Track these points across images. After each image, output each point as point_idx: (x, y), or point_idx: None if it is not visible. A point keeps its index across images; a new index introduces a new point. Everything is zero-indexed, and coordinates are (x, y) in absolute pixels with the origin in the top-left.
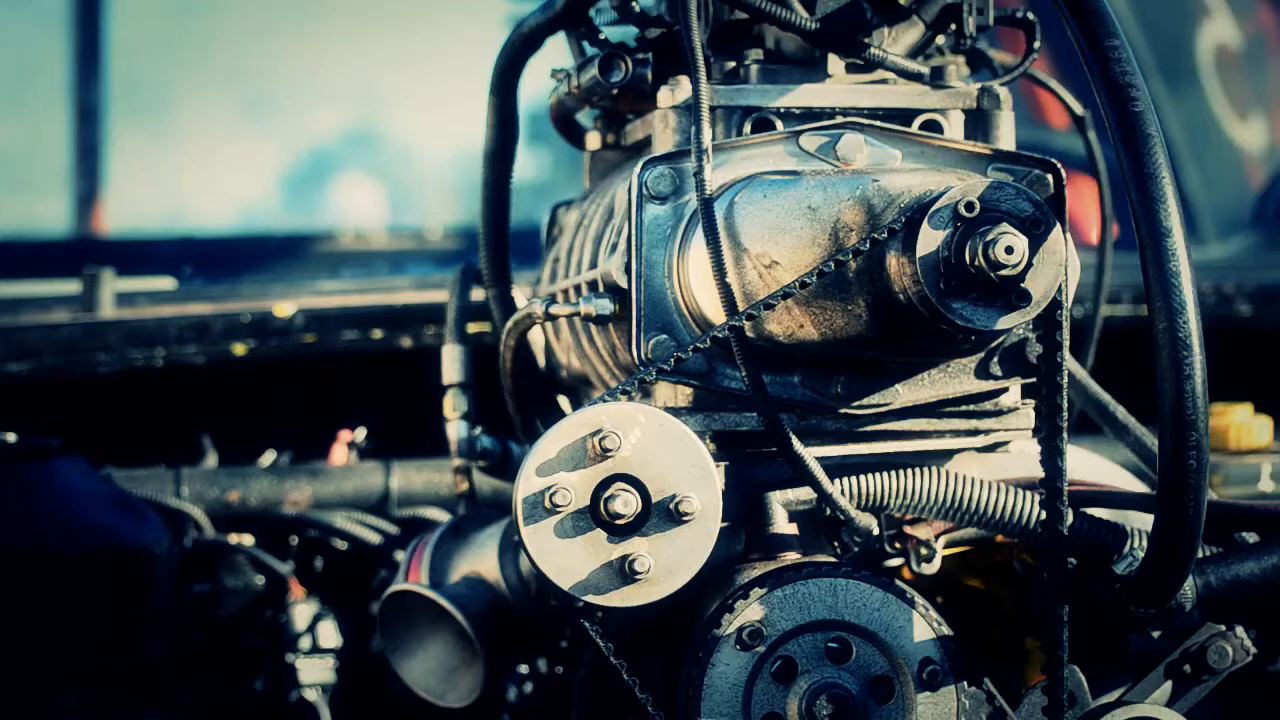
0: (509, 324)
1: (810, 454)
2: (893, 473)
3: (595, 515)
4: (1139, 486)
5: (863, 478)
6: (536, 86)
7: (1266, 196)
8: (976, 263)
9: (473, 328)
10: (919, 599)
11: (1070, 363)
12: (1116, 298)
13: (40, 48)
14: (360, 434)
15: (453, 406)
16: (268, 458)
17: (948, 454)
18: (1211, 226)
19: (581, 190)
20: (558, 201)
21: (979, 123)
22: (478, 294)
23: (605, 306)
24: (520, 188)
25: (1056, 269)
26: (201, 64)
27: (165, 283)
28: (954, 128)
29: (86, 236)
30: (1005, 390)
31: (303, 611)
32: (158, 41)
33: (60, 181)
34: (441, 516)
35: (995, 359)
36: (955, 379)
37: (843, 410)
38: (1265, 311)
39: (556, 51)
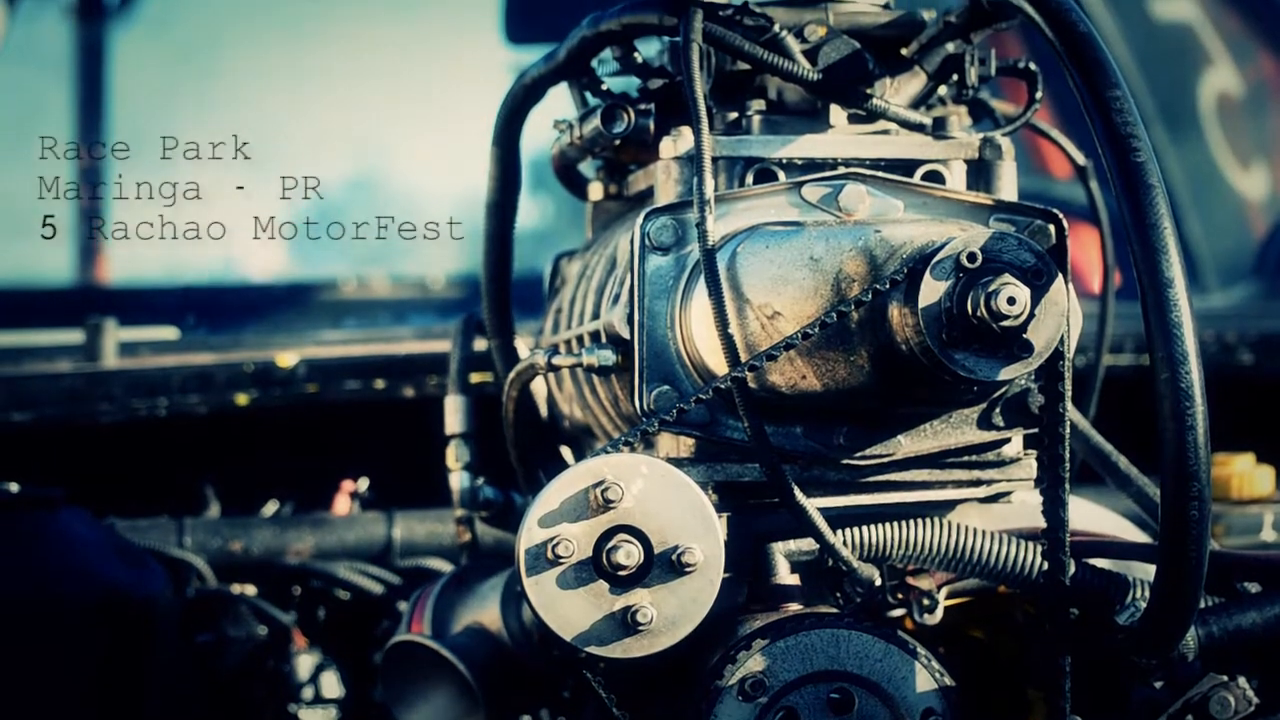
0: (511, 375)
1: (812, 505)
2: (895, 523)
3: (598, 566)
4: (1141, 537)
5: (865, 528)
6: (538, 134)
7: (1269, 245)
8: (979, 313)
9: (475, 378)
10: (921, 649)
11: (1072, 413)
12: (1119, 347)
13: (44, 96)
14: (363, 484)
15: (455, 457)
16: (270, 507)
17: (950, 504)
18: (1214, 275)
19: (584, 240)
20: (560, 252)
21: (981, 173)
22: (480, 344)
23: (608, 357)
24: (522, 235)
25: (1059, 319)
26: (203, 112)
27: (168, 332)
28: (956, 178)
29: (89, 285)
30: (1008, 441)
31: (305, 661)
32: (160, 90)
33: (63, 229)
34: (444, 567)
35: (997, 409)
36: (958, 430)
37: (845, 461)
38: (1267, 361)
39: (559, 101)
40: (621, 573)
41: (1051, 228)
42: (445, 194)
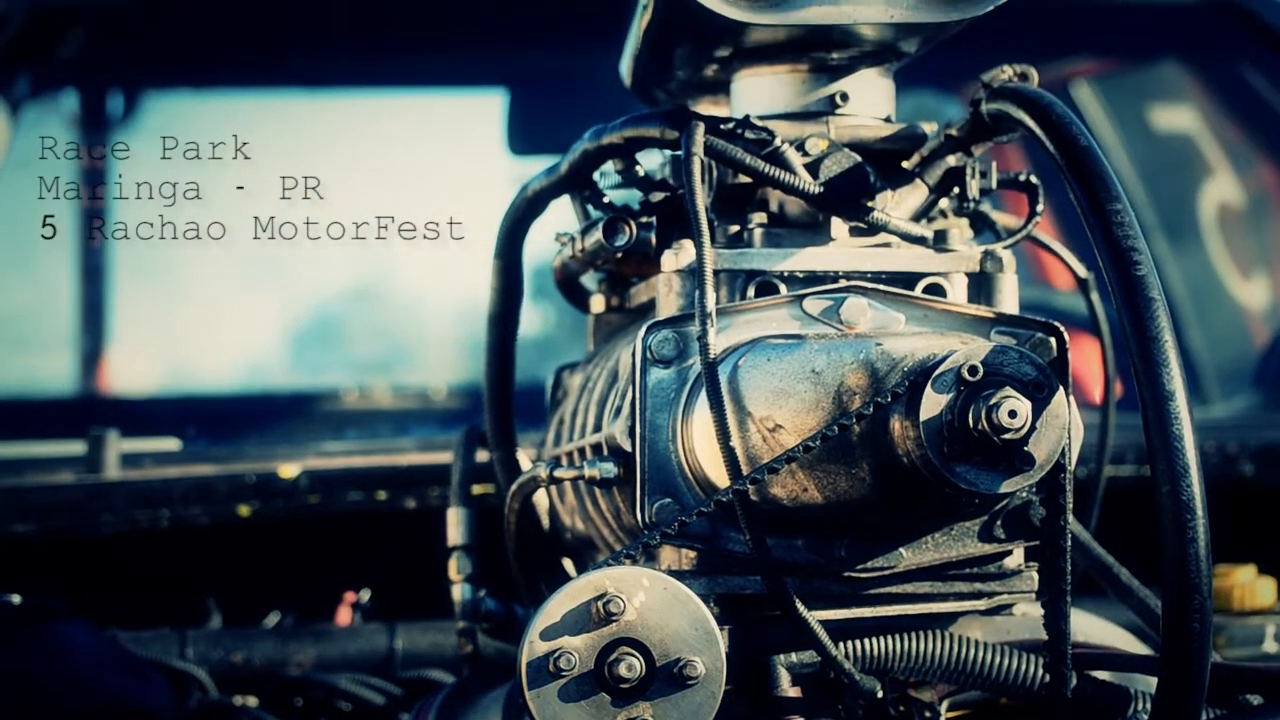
0: (513, 487)
1: (814, 617)
2: (897, 636)
3: (600, 679)
4: (1142, 648)
5: (867, 641)
6: (539, 242)
7: (1270, 355)
8: (980, 427)
9: (477, 489)
10: None
11: (1073, 525)
12: (1120, 458)
13: (46, 207)
14: (365, 595)
15: (457, 569)
16: (272, 619)
17: (951, 616)
18: (1215, 385)
19: (585, 352)
20: (562, 364)
21: (982, 285)
22: (482, 455)
23: (609, 470)
24: (524, 344)
25: (1060, 432)
26: (205, 222)
27: (170, 443)
28: (957, 290)
29: (91, 395)
30: (1009, 553)
31: None
32: (162, 200)
33: (65, 340)
34: (446, 678)
35: (999, 522)
36: (959, 542)
37: (847, 573)
38: (1269, 471)
39: (560, 212)
40: (624, 685)
41: (1053, 340)
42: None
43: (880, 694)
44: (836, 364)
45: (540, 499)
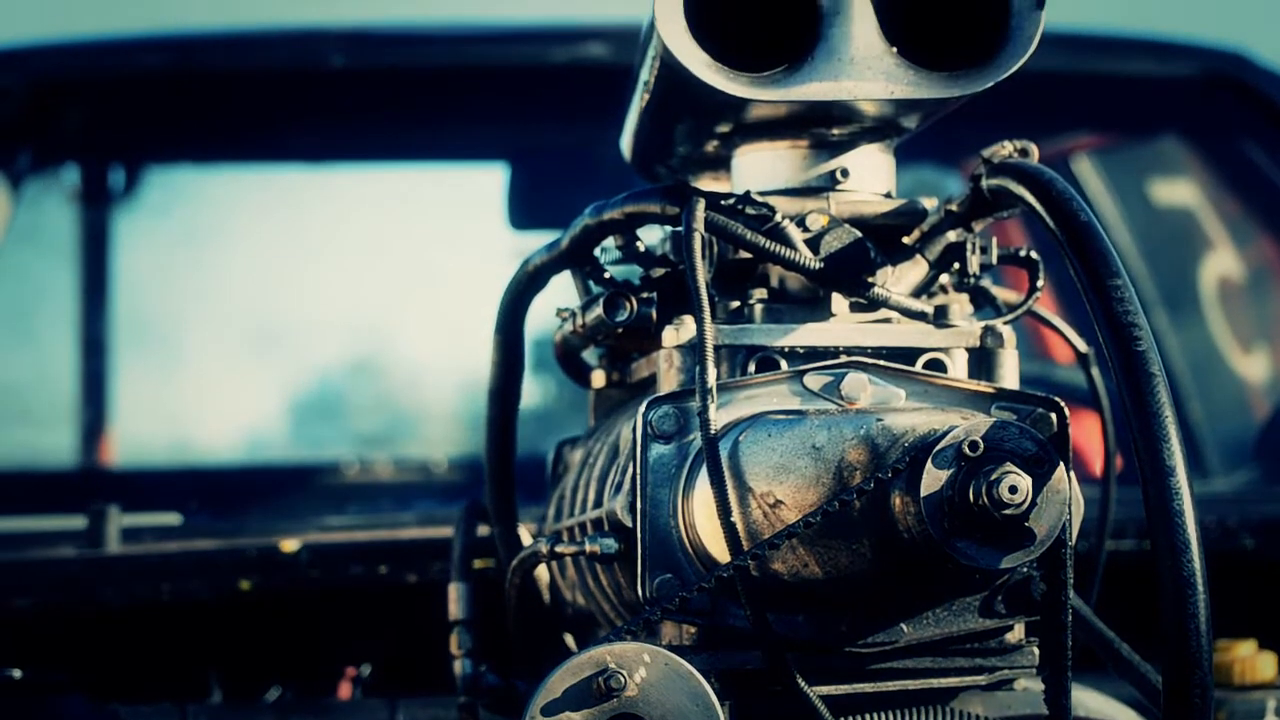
0: (514, 562)
1: (816, 692)
2: (898, 712)
3: None
4: None
5: (868, 716)
6: (541, 313)
7: (1270, 428)
8: (980, 502)
9: (478, 564)
10: None
11: (1074, 599)
12: (1121, 532)
13: (48, 280)
14: (365, 670)
15: (458, 644)
16: (273, 693)
17: (953, 691)
18: (1215, 458)
19: (586, 427)
20: (563, 439)
21: (983, 361)
22: (483, 529)
23: (610, 546)
24: (525, 416)
25: (1060, 507)
26: (207, 295)
27: (171, 518)
28: (958, 366)
29: (92, 468)
30: (1010, 628)
31: None
32: (163, 274)
33: (67, 413)
34: None
35: (1000, 597)
36: (960, 617)
37: (848, 649)
38: (1270, 545)
39: (561, 287)
40: None
41: (1053, 416)
42: (447, 377)
43: None
44: (837, 440)
45: (541, 574)
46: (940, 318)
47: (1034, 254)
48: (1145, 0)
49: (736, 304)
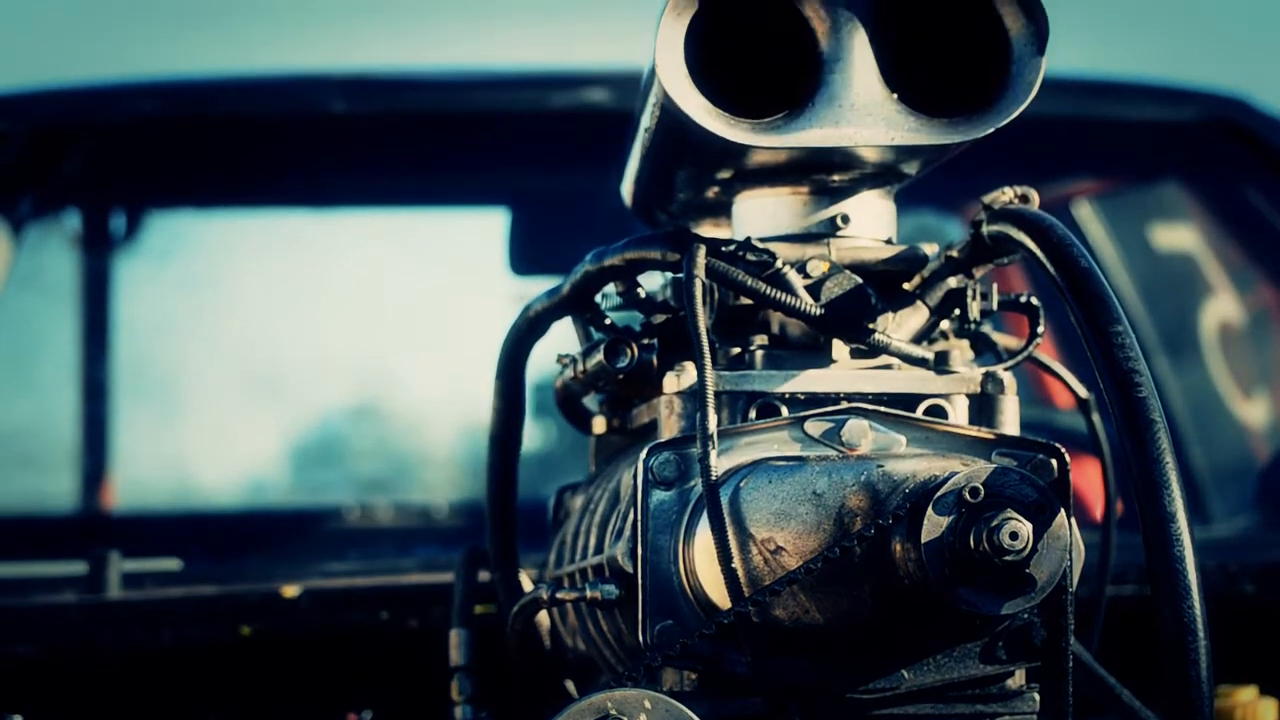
0: (515, 609)
1: None
2: None
3: None
4: None
5: None
6: (542, 358)
7: (1271, 474)
8: (981, 549)
9: (479, 609)
10: None
11: (1075, 645)
12: (1121, 578)
13: (48, 325)
14: (366, 716)
15: (458, 690)
16: None
17: None
18: (1216, 503)
19: (587, 472)
20: (563, 485)
21: (984, 406)
22: (484, 575)
23: (611, 592)
24: (525, 461)
25: (1061, 554)
26: (208, 340)
27: (171, 564)
28: (958, 412)
29: (93, 513)
30: (1011, 674)
31: None
32: (165, 318)
33: (68, 458)
34: None
35: (1000, 643)
36: (961, 663)
37: (849, 695)
38: (1270, 591)
39: (562, 332)
40: None
41: (1054, 462)
42: (449, 422)
43: None
44: (838, 486)
45: (542, 620)
46: (941, 364)
47: (1034, 300)
48: (1145, 45)
49: (737, 350)
